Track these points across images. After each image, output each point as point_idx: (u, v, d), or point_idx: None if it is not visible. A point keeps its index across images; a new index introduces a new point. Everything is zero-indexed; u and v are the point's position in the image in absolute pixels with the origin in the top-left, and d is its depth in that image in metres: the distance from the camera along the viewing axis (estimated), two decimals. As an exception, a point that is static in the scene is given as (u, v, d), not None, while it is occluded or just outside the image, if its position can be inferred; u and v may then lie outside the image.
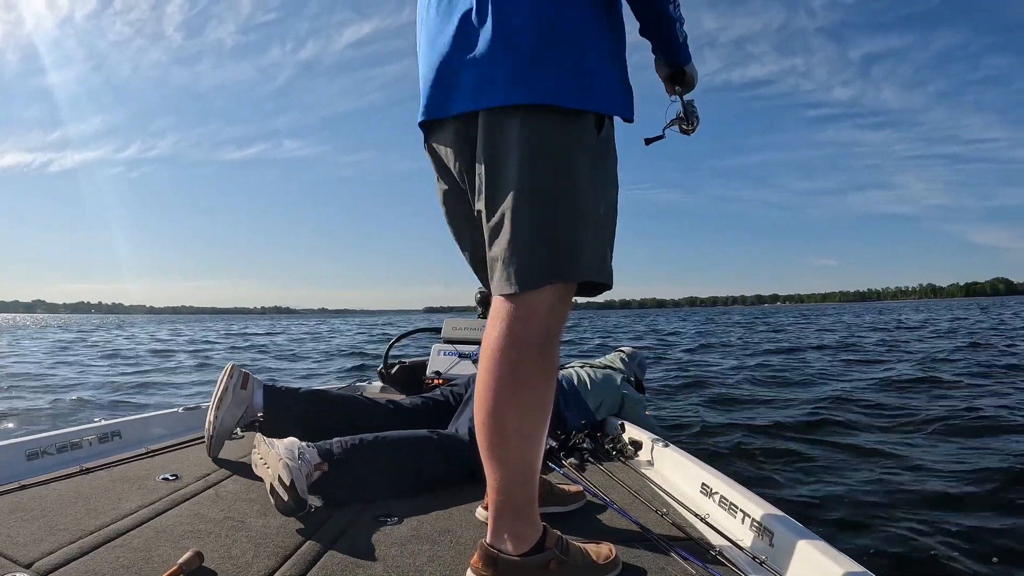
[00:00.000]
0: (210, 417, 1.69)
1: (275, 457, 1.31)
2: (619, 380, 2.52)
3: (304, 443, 1.40)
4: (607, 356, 2.85)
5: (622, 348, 2.91)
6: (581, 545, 1.09)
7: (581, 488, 1.49)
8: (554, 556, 0.99)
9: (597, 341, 14.79)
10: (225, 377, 1.70)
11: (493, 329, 0.95)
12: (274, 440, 1.38)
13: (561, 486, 1.46)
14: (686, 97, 1.30)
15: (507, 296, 0.95)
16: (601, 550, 1.10)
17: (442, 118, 1.03)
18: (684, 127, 1.30)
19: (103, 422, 2.00)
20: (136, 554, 1.09)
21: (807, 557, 1.06)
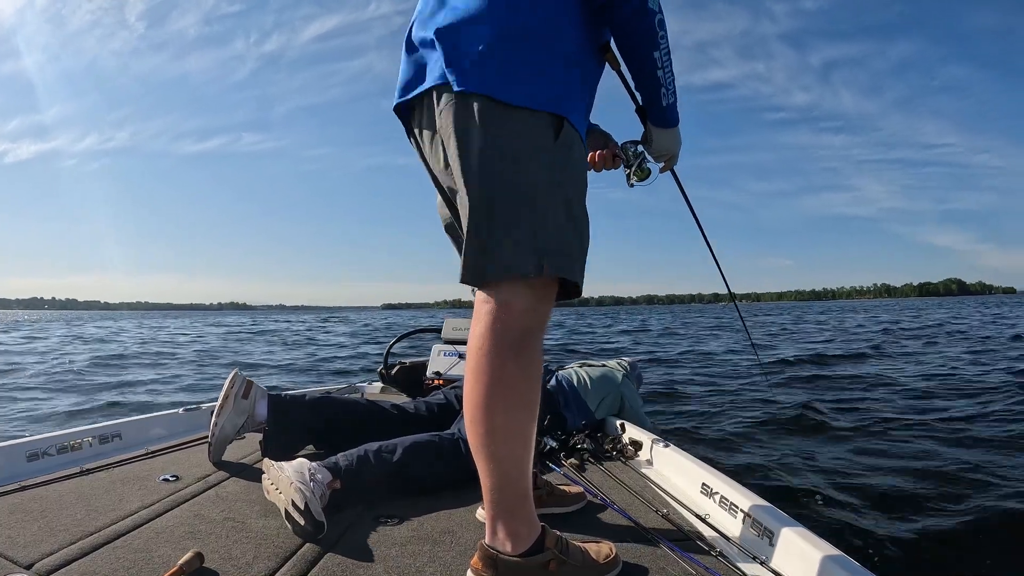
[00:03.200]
0: (211, 423, 1.69)
1: (286, 481, 1.27)
2: (619, 378, 2.52)
3: (313, 463, 1.37)
4: (607, 362, 2.87)
5: (623, 359, 2.94)
6: (581, 545, 1.09)
7: (581, 489, 1.49)
8: (554, 556, 1.00)
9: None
10: (227, 385, 1.70)
11: (474, 328, 0.98)
12: (283, 464, 1.34)
13: (561, 487, 1.46)
14: (640, 149, 1.24)
15: (486, 295, 0.97)
16: (601, 549, 1.10)
17: (412, 103, 1.07)
18: (628, 172, 1.26)
19: (103, 423, 2.00)
20: (136, 555, 1.09)
21: (807, 556, 1.06)
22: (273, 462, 1.36)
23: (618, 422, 2.15)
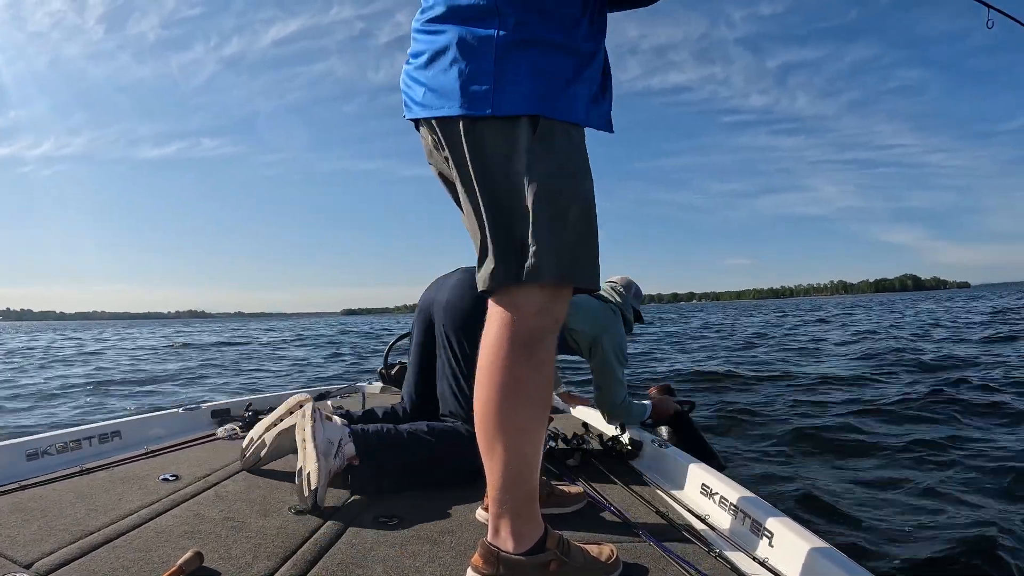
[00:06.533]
0: (264, 435, 1.61)
1: (312, 451, 1.37)
2: (606, 320, 2.23)
3: (347, 431, 1.47)
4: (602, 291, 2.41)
5: (612, 279, 2.50)
6: (582, 546, 1.09)
7: (581, 489, 1.49)
8: (555, 557, 1.00)
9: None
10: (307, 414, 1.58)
11: (488, 329, 0.99)
12: (324, 424, 1.44)
13: (561, 487, 1.46)
14: None
15: (498, 297, 0.98)
16: (603, 551, 1.10)
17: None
18: None
19: (103, 422, 2.00)
20: (136, 554, 1.09)
21: (807, 558, 1.06)
22: (316, 414, 1.45)
23: (617, 422, 2.15)
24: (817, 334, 12.86)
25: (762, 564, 1.11)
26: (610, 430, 2.15)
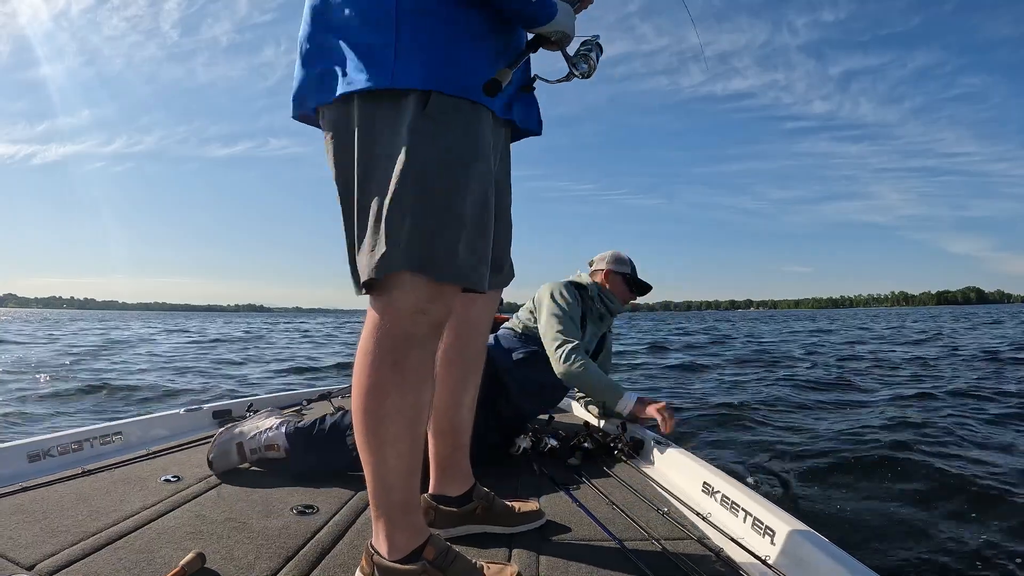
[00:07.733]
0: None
1: (239, 426, 1.68)
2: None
3: (282, 425, 1.66)
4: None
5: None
6: (480, 563, 1.01)
7: (537, 506, 1.33)
8: (425, 569, 0.93)
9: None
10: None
11: (363, 330, 0.92)
12: (266, 415, 1.72)
13: (512, 503, 1.30)
14: (570, 49, 1.12)
15: (373, 294, 0.91)
16: (503, 572, 1.01)
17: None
18: (578, 75, 1.13)
19: (105, 423, 2.00)
20: (138, 556, 1.09)
21: (809, 556, 1.06)
22: (275, 411, 1.78)
23: (618, 421, 2.14)
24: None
25: (764, 562, 1.11)
26: (611, 429, 2.15)
